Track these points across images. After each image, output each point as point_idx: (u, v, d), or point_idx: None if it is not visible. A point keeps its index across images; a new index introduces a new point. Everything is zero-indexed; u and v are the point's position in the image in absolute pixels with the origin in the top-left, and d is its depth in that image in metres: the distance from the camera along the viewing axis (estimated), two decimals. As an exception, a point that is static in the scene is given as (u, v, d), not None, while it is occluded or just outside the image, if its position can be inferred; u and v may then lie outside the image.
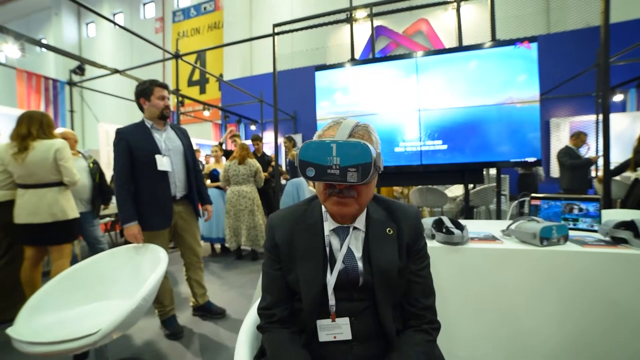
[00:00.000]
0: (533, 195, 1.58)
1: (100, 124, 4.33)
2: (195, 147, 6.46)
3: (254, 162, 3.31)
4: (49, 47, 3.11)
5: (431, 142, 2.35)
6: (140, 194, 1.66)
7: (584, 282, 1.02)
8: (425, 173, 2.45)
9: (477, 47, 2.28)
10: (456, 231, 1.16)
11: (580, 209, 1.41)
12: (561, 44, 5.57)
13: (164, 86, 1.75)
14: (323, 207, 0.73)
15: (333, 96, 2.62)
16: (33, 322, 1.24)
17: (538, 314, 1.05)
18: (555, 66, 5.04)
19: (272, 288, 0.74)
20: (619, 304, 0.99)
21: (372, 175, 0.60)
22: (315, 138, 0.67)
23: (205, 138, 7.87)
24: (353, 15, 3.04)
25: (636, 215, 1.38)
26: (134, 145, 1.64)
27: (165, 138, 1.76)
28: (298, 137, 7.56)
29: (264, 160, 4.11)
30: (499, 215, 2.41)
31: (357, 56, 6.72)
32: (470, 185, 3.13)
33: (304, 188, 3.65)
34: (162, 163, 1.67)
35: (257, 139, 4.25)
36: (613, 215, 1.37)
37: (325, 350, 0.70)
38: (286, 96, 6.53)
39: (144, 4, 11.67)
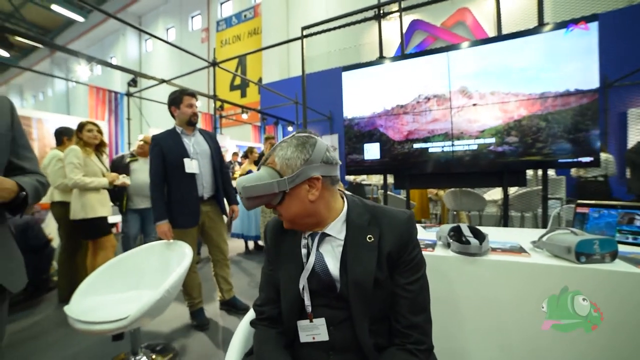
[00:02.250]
0: (579, 201, 1.37)
1: (150, 129, 4.82)
2: (234, 149, 6.88)
3: None
4: (108, 64, 3.56)
5: (463, 141, 2.17)
6: (171, 195, 1.81)
7: (632, 310, 0.86)
8: (456, 175, 2.28)
9: (516, 35, 2.04)
10: (473, 241, 1.05)
11: (644, 220, 1.19)
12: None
13: (193, 95, 1.89)
14: None
15: (362, 95, 2.57)
16: (82, 304, 1.42)
17: (570, 342, 0.91)
18: (636, 46, 4.27)
19: (265, 287, 0.79)
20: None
21: (263, 199, 0.67)
22: None
23: (245, 140, 8.28)
24: (382, 12, 2.94)
25: None
26: (166, 150, 1.79)
27: (193, 142, 1.90)
28: (334, 138, 7.57)
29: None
30: (544, 224, 2.14)
31: (392, 53, 6.50)
32: (515, 188, 2.82)
33: None
34: (190, 166, 1.80)
35: None
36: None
37: (305, 353, 0.72)
38: (322, 96, 6.57)
39: (192, 17, 12.69)
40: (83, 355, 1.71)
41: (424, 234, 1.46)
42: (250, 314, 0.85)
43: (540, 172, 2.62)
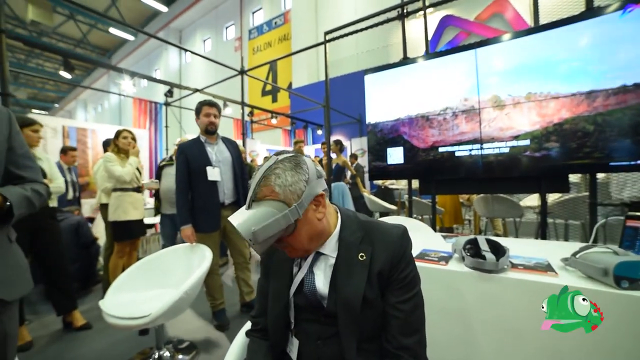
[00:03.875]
0: (630, 213, 1.18)
1: (186, 135, 5.16)
2: (265, 154, 7.09)
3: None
4: (148, 78, 3.89)
5: (494, 144, 2.01)
6: (195, 201, 1.92)
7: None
8: (486, 180, 2.11)
9: (558, 24, 1.82)
10: (489, 256, 0.96)
11: None
12: None
13: (212, 105, 1.98)
14: None
15: (385, 98, 2.50)
16: (115, 299, 1.56)
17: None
18: None
19: (260, 299, 0.80)
20: None
21: (275, 236, 0.60)
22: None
23: (275, 144, 8.51)
24: (406, 11, 2.84)
25: None
26: (190, 158, 1.90)
27: (216, 151, 1.99)
28: (363, 140, 7.46)
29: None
30: (589, 236, 1.89)
31: (420, 53, 6.26)
32: (557, 194, 2.53)
33: (348, 194, 3.59)
34: (212, 174, 1.90)
35: (324, 144, 4.44)
36: None
37: None
38: (351, 99, 6.51)
39: (226, 27, 13.38)
40: (115, 346, 1.87)
41: (443, 245, 1.37)
42: (248, 324, 0.86)
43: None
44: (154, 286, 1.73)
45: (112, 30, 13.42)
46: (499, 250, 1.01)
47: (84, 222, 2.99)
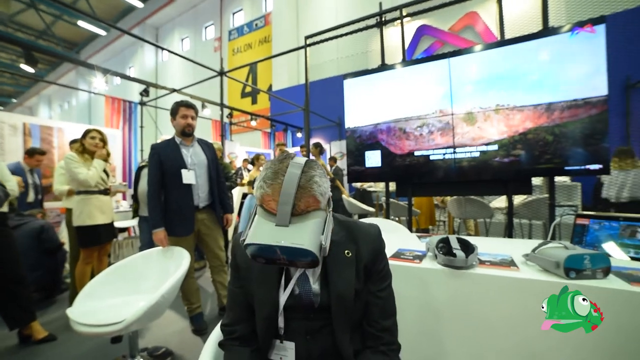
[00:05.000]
0: (579, 212, 1.31)
1: (162, 136, 4.99)
2: (244, 156, 6.99)
3: None
4: (122, 75, 3.73)
5: (465, 141, 2.13)
6: (168, 203, 1.86)
7: (626, 330, 0.81)
8: (459, 183, 2.22)
9: (517, 40, 1.99)
10: (459, 253, 1.03)
11: (647, 233, 1.12)
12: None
13: (189, 106, 1.94)
14: None
15: (364, 103, 2.56)
16: (84, 306, 1.48)
17: (555, 356, 0.87)
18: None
19: (234, 306, 0.76)
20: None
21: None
22: (256, 187, 0.63)
23: (255, 146, 8.41)
24: (384, 19, 2.94)
25: None
26: (164, 160, 1.85)
27: (191, 153, 1.95)
28: (343, 144, 7.56)
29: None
30: (548, 234, 2.05)
31: (399, 60, 6.47)
32: (523, 196, 2.72)
33: None
34: (187, 177, 1.86)
35: (303, 147, 4.48)
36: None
37: None
38: (331, 102, 6.57)
39: (206, 27, 13.11)
40: (85, 357, 1.77)
41: (418, 244, 1.44)
42: (216, 336, 0.82)
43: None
44: (127, 292, 1.66)
45: (81, 23, 12.68)
46: (468, 248, 1.08)
47: (48, 227, 2.80)
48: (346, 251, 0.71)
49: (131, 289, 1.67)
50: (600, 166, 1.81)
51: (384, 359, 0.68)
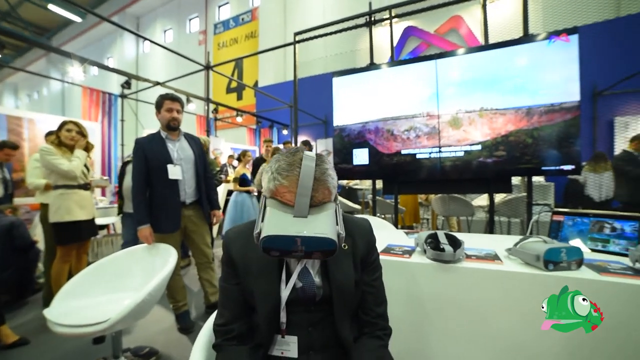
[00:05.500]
0: (555, 209, 1.40)
1: (144, 130, 4.81)
2: (230, 152, 6.87)
3: None
4: (101, 66, 3.56)
5: (450, 143, 2.20)
6: (153, 199, 1.82)
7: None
8: (444, 181, 2.30)
9: (500, 45, 2.09)
10: (448, 248, 1.07)
11: (614, 229, 1.21)
12: (633, 28, 4.75)
13: (175, 99, 1.89)
14: None
15: (352, 101, 2.59)
16: (63, 307, 1.41)
17: (536, 346, 0.93)
18: (624, 55, 4.37)
19: (229, 303, 0.73)
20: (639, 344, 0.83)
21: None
22: (269, 175, 0.63)
23: (240, 142, 8.28)
24: (374, 19, 2.98)
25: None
26: (149, 155, 1.80)
27: (178, 148, 1.90)
28: (329, 142, 7.59)
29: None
30: (526, 230, 2.17)
31: (386, 59, 6.57)
32: (502, 194, 2.86)
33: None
34: (173, 172, 1.81)
35: (287, 144, 4.44)
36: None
37: None
38: (318, 100, 6.59)
39: (190, 20, 12.73)
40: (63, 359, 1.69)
41: (405, 240, 1.48)
42: (206, 337, 0.78)
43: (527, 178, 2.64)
44: (110, 290, 1.60)
45: (51, 7, 11.89)
46: (455, 243, 1.12)
47: (19, 223, 2.64)
48: (343, 245, 0.72)
49: (115, 287, 1.61)
50: (573, 167, 1.94)
51: (380, 343, 0.73)
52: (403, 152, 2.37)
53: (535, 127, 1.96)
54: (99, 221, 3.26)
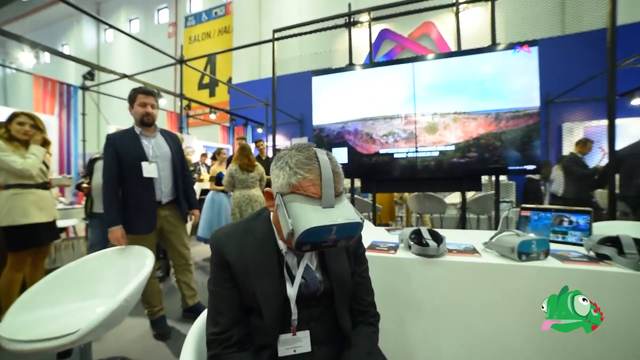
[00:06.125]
0: (523, 205, 1.52)
1: (109, 126, 4.48)
2: (202, 150, 6.62)
3: (259, 166, 3.28)
4: (59, 54, 3.26)
5: (426, 146, 2.31)
6: (126, 198, 1.71)
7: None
8: (419, 179, 2.41)
9: (473, 52, 2.23)
10: (432, 243, 1.13)
11: (570, 222, 1.35)
12: (577, 45, 5.33)
13: (149, 93, 1.79)
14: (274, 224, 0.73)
15: (331, 101, 2.61)
16: (19, 320, 1.27)
17: (514, 331, 1.02)
18: (571, 68, 4.86)
19: (225, 308, 0.70)
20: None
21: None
22: (286, 170, 0.63)
23: (213, 140, 8.01)
24: (352, 20, 3.03)
25: (629, 229, 1.32)
26: (121, 151, 1.69)
27: (153, 144, 1.81)
28: (304, 140, 7.58)
29: (268, 163, 4.13)
30: (497, 225, 2.34)
31: (362, 60, 6.69)
32: (472, 193, 3.06)
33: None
34: (148, 170, 1.72)
35: (259, 142, 4.36)
36: (607, 229, 1.31)
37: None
38: (293, 99, 6.57)
39: (158, 10, 12.06)
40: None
41: (388, 236, 1.53)
42: (193, 345, 0.74)
43: (494, 177, 2.85)
44: (79, 298, 1.48)
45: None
46: (438, 239, 1.18)
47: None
48: None
49: (85, 294, 1.49)
50: (534, 167, 2.12)
51: (374, 329, 0.79)
52: (381, 151, 2.44)
53: (502, 130, 2.12)
54: (58, 223, 3.00)
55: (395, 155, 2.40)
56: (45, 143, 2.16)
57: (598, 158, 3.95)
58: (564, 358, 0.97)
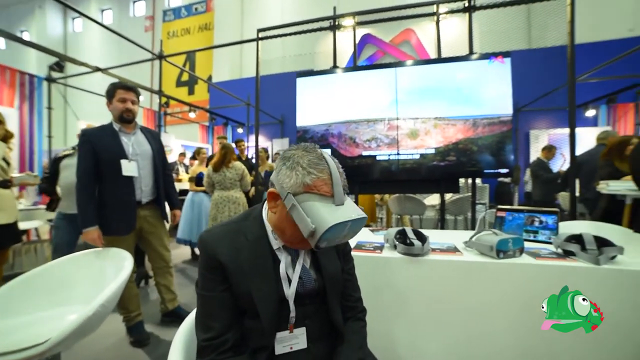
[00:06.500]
0: (499, 207, 1.62)
1: (79, 121, 4.22)
2: (180, 150, 6.38)
3: (240, 165, 3.18)
4: (24, 42, 3.02)
5: (408, 150, 2.39)
6: (104, 198, 1.63)
7: (535, 294, 1.05)
8: (401, 181, 2.48)
9: (452, 60, 2.35)
10: (417, 242, 1.17)
11: (541, 222, 1.46)
12: (542, 58, 5.75)
13: (129, 89, 1.72)
14: (267, 224, 0.73)
15: (315, 102, 2.63)
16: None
17: (494, 325, 1.08)
18: (538, 79, 5.22)
19: (219, 312, 0.68)
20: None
21: None
22: (299, 170, 0.63)
23: (192, 140, 7.76)
24: (337, 23, 3.08)
25: (589, 228, 1.45)
26: (98, 148, 1.60)
27: (133, 142, 1.73)
28: (285, 142, 7.54)
29: (248, 164, 4.06)
30: (473, 226, 2.46)
31: (344, 63, 6.79)
32: (449, 195, 3.19)
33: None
34: (128, 168, 1.64)
35: (239, 142, 4.28)
36: (570, 228, 1.43)
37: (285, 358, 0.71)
38: (274, 100, 6.52)
39: (134, 2, 11.51)
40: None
41: (372, 237, 1.57)
42: (180, 352, 0.70)
43: (470, 180, 3.00)
44: (48, 306, 1.38)
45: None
46: (422, 238, 1.23)
47: None
48: None
49: (55, 301, 1.39)
50: (507, 170, 2.26)
51: (362, 324, 0.82)
52: (364, 154, 2.49)
53: (479, 136, 2.25)
54: (20, 225, 2.78)
55: (378, 158, 2.46)
56: (6, 137, 2.01)
57: (560, 163, 4.30)
58: (545, 350, 1.04)
